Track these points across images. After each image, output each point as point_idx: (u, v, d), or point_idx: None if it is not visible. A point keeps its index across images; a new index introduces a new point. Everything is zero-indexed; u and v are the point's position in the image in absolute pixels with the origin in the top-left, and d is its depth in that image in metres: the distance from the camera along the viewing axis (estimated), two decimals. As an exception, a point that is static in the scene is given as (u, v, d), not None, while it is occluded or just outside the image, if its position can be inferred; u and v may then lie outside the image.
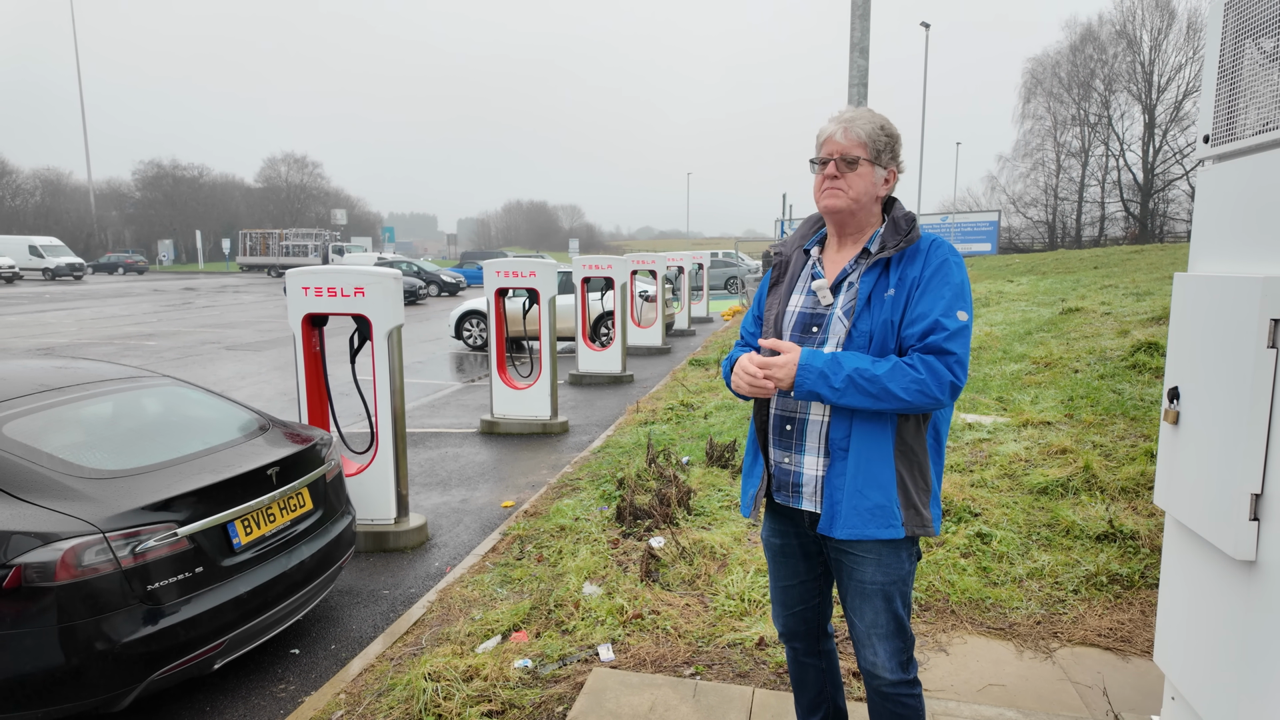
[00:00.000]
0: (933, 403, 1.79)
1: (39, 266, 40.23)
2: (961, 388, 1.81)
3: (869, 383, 1.77)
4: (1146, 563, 3.76)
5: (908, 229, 1.91)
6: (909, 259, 1.88)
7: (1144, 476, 4.66)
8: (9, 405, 3.07)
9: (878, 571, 1.93)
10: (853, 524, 1.87)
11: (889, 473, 1.87)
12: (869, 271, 1.90)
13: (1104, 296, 13.18)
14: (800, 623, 2.18)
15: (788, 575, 2.14)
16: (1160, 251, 23.39)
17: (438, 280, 30.16)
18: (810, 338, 1.94)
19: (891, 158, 1.95)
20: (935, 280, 1.84)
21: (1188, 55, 40.99)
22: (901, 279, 1.87)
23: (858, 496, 1.87)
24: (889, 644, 1.97)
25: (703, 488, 5.15)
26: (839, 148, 1.91)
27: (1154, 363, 7.49)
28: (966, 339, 1.81)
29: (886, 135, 1.92)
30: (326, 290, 4.56)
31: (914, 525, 1.89)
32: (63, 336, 15.41)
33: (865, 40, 5.77)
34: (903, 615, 1.97)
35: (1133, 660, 3.08)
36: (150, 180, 67.64)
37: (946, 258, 1.88)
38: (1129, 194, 45.81)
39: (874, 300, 1.88)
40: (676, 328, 16.83)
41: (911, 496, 1.89)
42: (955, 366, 1.78)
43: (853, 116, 1.92)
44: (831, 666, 2.27)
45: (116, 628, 2.63)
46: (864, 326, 1.87)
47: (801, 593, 2.15)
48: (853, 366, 1.79)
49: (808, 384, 1.81)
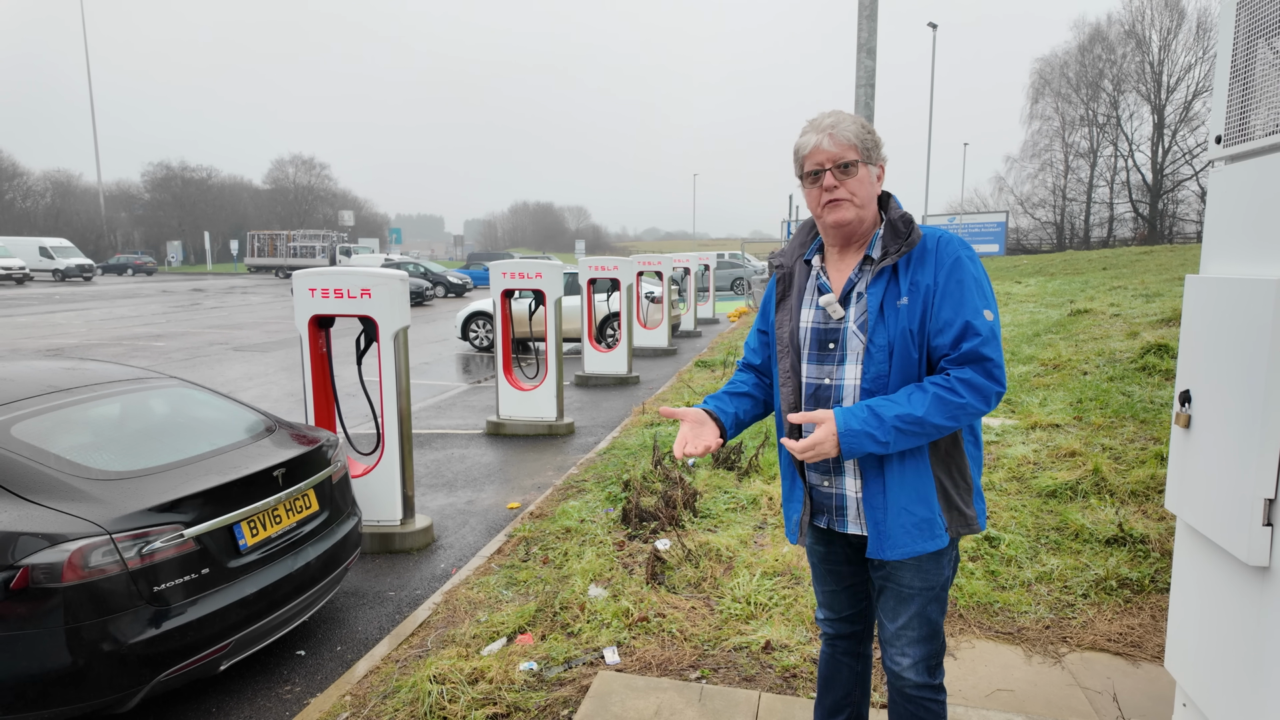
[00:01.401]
0: (978, 417, 1.77)
1: (49, 268, 40.48)
2: (1004, 393, 1.77)
3: (914, 425, 1.71)
4: (1157, 567, 3.73)
5: (907, 231, 1.82)
6: (918, 262, 1.80)
7: (1154, 480, 4.63)
8: (17, 406, 3.08)
9: (916, 578, 1.89)
10: (902, 543, 1.82)
11: (929, 484, 1.82)
12: (876, 280, 1.82)
13: (1113, 298, 13.10)
14: (848, 625, 2.14)
15: (834, 581, 2.10)
16: (1170, 252, 23.24)
17: (444, 281, 30.25)
18: (828, 354, 1.87)
19: (878, 152, 1.88)
20: (953, 282, 1.76)
21: (1197, 55, 40.75)
22: (914, 285, 1.78)
23: (903, 514, 1.82)
24: (919, 648, 1.93)
25: (709, 490, 5.13)
26: (829, 155, 1.80)
27: (1164, 365, 7.44)
28: (999, 338, 1.76)
29: (867, 131, 1.85)
30: (333, 291, 4.57)
31: (958, 526, 1.86)
32: (72, 337, 15.50)
33: (872, 41, 5.75)
34: (937, 620, 1.93)
35: (1143, 666, 3.05)
36: (159, 182, 68.04)
37: (959, 254, 1.79)
38: (1138, 195, 45.54)
39: (887, 310, 1.80)
40: (682, 329, 16.81)
41: (954, 499, 1.85)
42: (995, 371, 1.73)
43: (834, 121, 1.83)
44: (866, 671, 2.23)
45: (123, 629, 2.63)
46: (880, 340, 1.79)
47: (850, 597, 2.10)
48: (893, 415, 1.72)
49: (855, 448, 1.74)
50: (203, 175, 69.86)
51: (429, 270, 30.58)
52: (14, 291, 31.48)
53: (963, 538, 1.96)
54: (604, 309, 12.76)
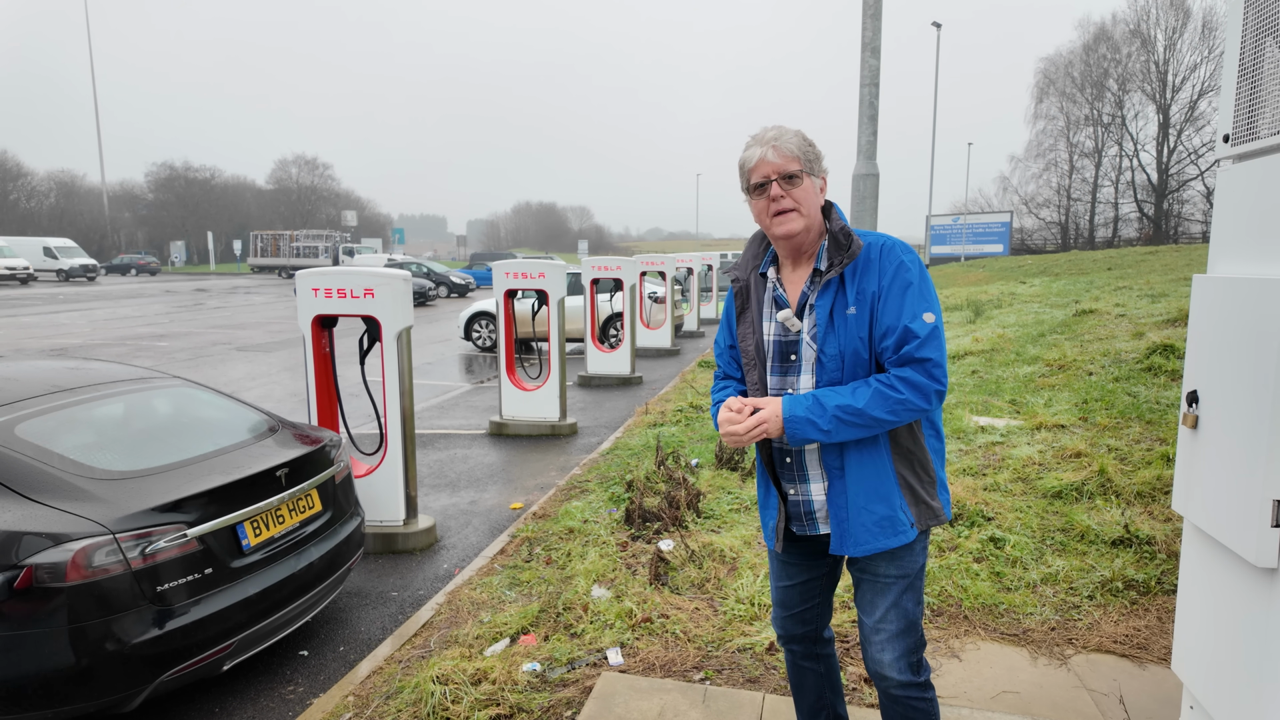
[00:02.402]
0: (921, 413, 1.82)
1: (53, 268, 40.60)
2: (945, 390, 1.82)
3: (854, 416, 1.78)
4: (1163, 568, 3.71)
5: (847, 242, 1.87)
6: (863, 270, 1.85)
7: (1160, 480, 4.60)
8: (21, 406, 3.09)
9: (891, 566, 1.94)
10: (863, 540, 1.88)
11: (889, 483, 1.87)
12: (824, 291, 1.88)
13: (1118, 298, 13.06)
14: (799, 624, 2.17)
15: (789, 576, 2.14)
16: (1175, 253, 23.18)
17: (447, 281, 30.28)
18: (791, 365, 1.93)
19: (819, 165, 1.92)
20: (894, 287, 1.82)
21: (1203, 54, 40.61)
22: (860, 293, 1.84)
23: (862, 512, 1.87)
24: (897, 643, 1.95)
25: (712, 490, 5.12)
26: (774, 167, 1.84)
27: (1170, 365, 7.41)
28: (939, 340, 1.80)
29: (809, 144, 1.90)
30: (336, 291, 4.57)
31: (926, 519, 1.92)
32: (76, 337, 15.54)
33: (877, 39, 5.73)
34: (913, 612, 1.96)
35: (1149, 668, 3.03)
36: (163, 182, 68.16)
37: (900, 259, 1.84)
38: (1143, 195, 45.42)
39: (836, 319, 1.85)
40: (685, 329, 16.81)
41: (919, 494, 1.91)
42: (935, 371, 1.78)
43: (776, 135, 1.87)
44: (830, 671, 2.26)
45: (126, 629, 2.63)
46: (831, 350, 1.85)
47: (802, 593, 2.14)
48: (834, 404, 1.79)
49: (798, 433, 1.81)
50: (206, 175, 70.00)
51: (432, 270, 30.62)
52: (18, 291, 31.57)
53: (944, 528, 2.03)
54: (607, 309, 12.76)
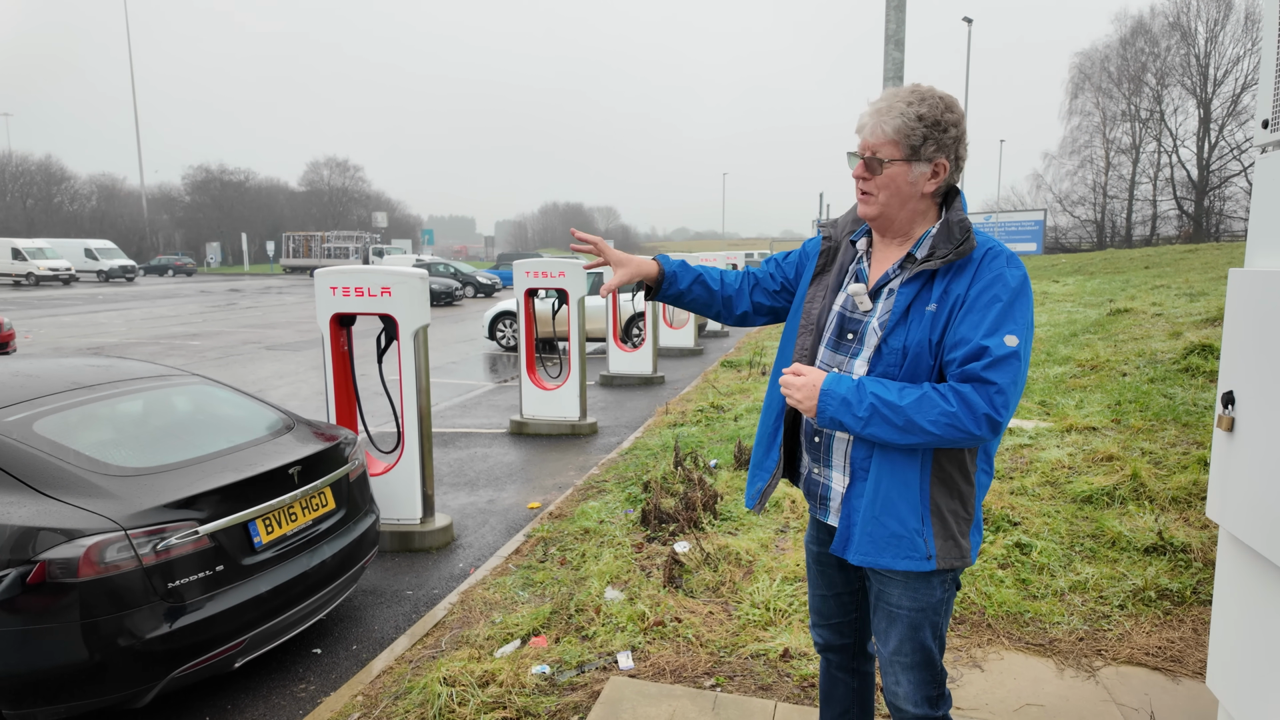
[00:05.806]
0: (966, 438, 1.57)
1: (93, 269, 41.68)
2: (1004, 424, 1.57)
3: (893, 413, 1.58)
4: (1199, 578, 3.56)
5: (961, 238, 1.66)
6: (957, 271, 1.66)
7: (1196, 486, 4.43)
8: (40, 402, 3.13)
9: (904, 596, 1.77)
10: (866, 550, 1.72)
11: (914, 503, 1.68)
12: (912, 280, 1.69)
13: (1155, 297, 12.70)
14: (836, 636, 2.07)
15: (825, 585, 2.03)
16: (1216, 250, 22.50)
17: (474, 282, 30.54)
18: (846, 345, 1.77)
19: (937, 148, 1.66)
20: (983, 298, 1.60)
21: (1246, 47, 39.33)
22: (946, 293, 1.65)
23: (873, 523, 1.71)
24: (913, 675, 1.81)
25: (730, 492, 5.05)
26: (865, 144, 1.70)
27: (1208, 366, 7.17)
28: (1015, 368, 1.56)
29: (925, 124, 1.64)
30: (354, 290, 4.58)
31: (951, 558, 1.71)
32: (112, 336, 15.91)
33: (900, 32, 5.61)
34: (932, 648, 1.80)
35: (1183, 682, 2.90)
36: (199, 184, 69.62)
37: (1001, 271, 1.63)
38: (1183, 191, 44.15)
39: (913, 313, 1.67)
40: (709, 329, 16.70)
41: (950, 527, 1.70)
42: (996, 398, 1.54)
43: (886, 106, 1.67)
44: (865, 688, 2.14)
45: (138, 625, 2.64)
46: (896, 343, 1.67)
47: (838, 605, 2.03)
48: (874, 392, 1.61)
49: (829, 410, 1.65)
50: (240, 178, 71.33)
51: (459, 270, 30.88)
52: (60, 292, 32.48)
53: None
54: (630, 308, 12.72)
